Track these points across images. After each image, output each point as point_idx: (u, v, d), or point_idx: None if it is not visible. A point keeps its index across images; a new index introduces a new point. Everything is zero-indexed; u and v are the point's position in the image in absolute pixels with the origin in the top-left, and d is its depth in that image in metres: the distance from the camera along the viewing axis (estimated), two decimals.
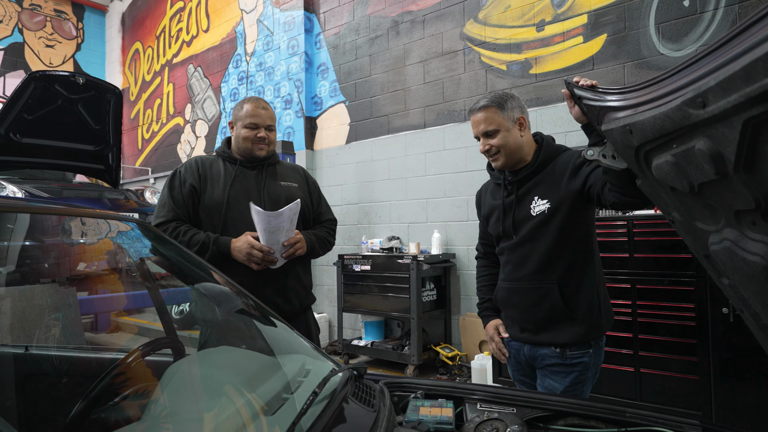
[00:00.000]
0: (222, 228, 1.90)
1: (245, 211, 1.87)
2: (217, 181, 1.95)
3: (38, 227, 2.08)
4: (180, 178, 1.94)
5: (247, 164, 2.02)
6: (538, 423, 1.14)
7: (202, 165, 1.99)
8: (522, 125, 1.69)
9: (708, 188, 0.89)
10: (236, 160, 2.01)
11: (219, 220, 1.90)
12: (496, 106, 1.66)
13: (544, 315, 1.65)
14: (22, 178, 4.22)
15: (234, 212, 1.92)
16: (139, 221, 1.48)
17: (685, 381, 2.59)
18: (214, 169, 1.99)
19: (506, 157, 1.68)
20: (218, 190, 1.93)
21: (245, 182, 1.98)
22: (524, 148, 1.70)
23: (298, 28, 5.59)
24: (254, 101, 2.03)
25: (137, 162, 8.32)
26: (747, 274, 0.91)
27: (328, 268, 5.12)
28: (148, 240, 1.50)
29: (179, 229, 1.86)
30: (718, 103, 0.73)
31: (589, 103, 1.15)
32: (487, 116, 1.66)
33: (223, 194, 1.92)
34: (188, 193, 1.92)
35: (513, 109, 1.67)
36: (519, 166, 1.72)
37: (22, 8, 8.23)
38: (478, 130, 1.69)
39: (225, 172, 1.98)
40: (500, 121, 1.65)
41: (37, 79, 3.40)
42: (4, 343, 1.44)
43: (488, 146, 1.68)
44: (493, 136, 1.66)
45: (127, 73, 8.76)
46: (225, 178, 1.96)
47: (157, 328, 1.33)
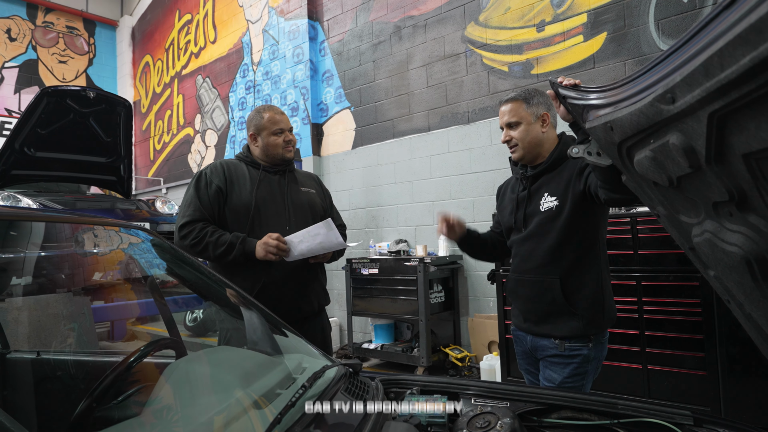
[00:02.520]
0: (249, 230, 1.94)
1: (271, 214, 1.96)
2: (243, 184, 2.00)
3: (52, 238, 2.15)
4: (206, 180, 1.98)
5: (270, 169, 2.08)
6: (531, 416, 1.16)
7: (227, 167, 2.04)
8: (545, 122, 1.75)
9: (686, 181, 0.91)
10: (259, 165, 2.07)
11: (246, 221, 1.95)
12: (523, 99, 1.74)
13: (545, 307, 1.70)
14: (37, 191, 4.32)
15: (261, 215, 1.97)
16: (145, 229, 1.53)
17: (694, 377, 2.57)
18: (239, 172, 2.04)
19: (523, 150, 1.74)
20: (245, 192, 1.98)
21: (270, 186, 2.05)
22: (544, 145, 1.75)
23: (302, 36, 5.66)
24: (271, 109, 2.11)
25: (149, 173, 8.46)
26: (728, 264, 0.93)
27: (337, 273, 5.16)
28: (155, 248, 1.55)
29: (206, 230, 1.89)
30: (685, 98, 0.75)
31: (572, 102, 1.18)
32: (512, 108, 1.75)
33: (250, 197, 1.97)
34: (214, 194, 1.95)
35: (538, 105, 1.74)
36: (537, 161, 1.77)
37: (35, 26, 8.45)
38: (503, 120, 1.77)
39: (250, 176, 2.03)
40: (524, 114, 1.73)
41: (49, 95, 3.49)
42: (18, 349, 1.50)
43: (509, 137, 1.76)
44: (515, 128, 1.74)
45: (138, 85, 8.93)
46: (251, 181, 2.02)
47: (164, 334, 1.38)
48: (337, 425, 0.90)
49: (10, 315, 1.66)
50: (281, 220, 2.01)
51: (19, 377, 1.41)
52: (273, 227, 1.95)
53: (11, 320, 1.63)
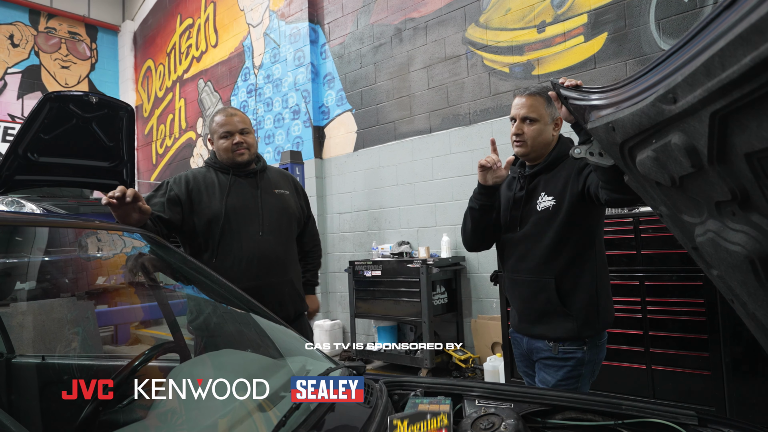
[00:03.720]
0: (219, 238, 1.91)
1: (243, 221, 1.92)
2: (212, 193, 1.95)
3: (56, 242, 2.16)
4: (166, 188, 1.93)
5: (239, 173, 2.03)
6: (535, 417, 1.16)
7: (192, 179, 1.97)
8: (557, 126, 1.73)
9: (688, 181, 0.91)
10: (228, 170, 2.02)
11: (217, 229, 1.91)
12: (545, 98, 1.69)
13: (539, 308, 1.69)
14: (41, 196, 4.34)
15: (231, 222, 1.94)
16: (143, 232, 1.53)
17: (698, 377, 2.57)
18: (207, 180, 1.99)
19: (531, 148, 1.71)
20: (215, 201, 1.94)
21: (241, 192, 2.00)
22: (549, 147, 1.74)
23: (303, 39, 5.68)
24: (223, 111, 2.04)
25: (152, 177, 8.48)
26: (731, 264, 0.93)
27: (340, 275, 5.17)
28: (157, 252, 1.55)
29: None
30: (687, 98, 0.75)
31: (574, 103, 1.18)
32: (533, 103, 1.69)
33: (220, 205, 1.93)
34: (167, 201, 1.88)
35: (556, 109, 1.70)
36: (537, 161, 1.75)
37: (37, 31, 8.49)
38: (518, 112, 1.71)
39: (219, 183, 1.98)
40: (543, 113, 1.69)
41: (52, 100, 3.50)
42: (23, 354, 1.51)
43: (521, 131, 1.70)
44: (531, 124, 1.69)
45: (140, 90, 8.96)
46: (220, 188, 1.97)
47: (167, 337, 1.38)
48: (341, 427, 0.90)
49: (15, 320, 1.67)
50: (254, 226, 1.97)
51: (24, 382, 1.41)
52: (245, 234, 1.92)
53: (16, 325, 1.63)
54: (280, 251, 2.02)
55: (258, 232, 1.96)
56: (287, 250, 2.08)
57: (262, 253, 1.95)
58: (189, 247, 2.00)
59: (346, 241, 5.25)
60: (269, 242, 1.98)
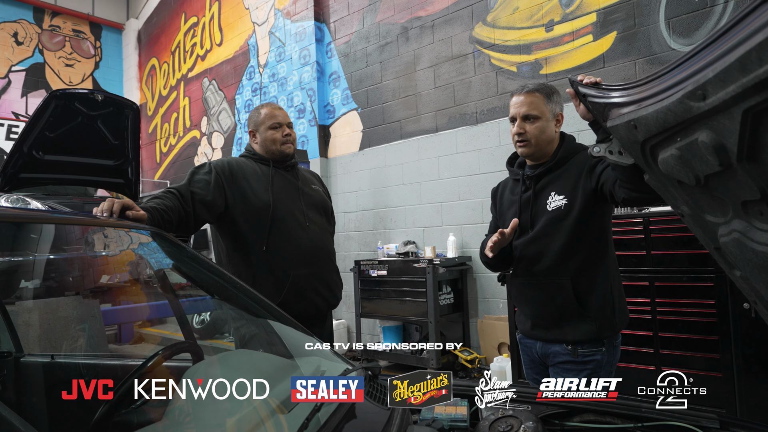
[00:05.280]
0: (270, 225, 1.92)
1: (287, 213, 1.96)
2: (256, 180, 1.97)
3: (61, 240, 2.15)
4: (210, 168, 1.91)
5: (279, 165, 2.06)
6: (553, 420, 1.14)
7: (237, 166, 1.97)
8: (559, 122, 1.71)
9: (714, 180, 0.89)
10: (268, 161, 2.05)
11: (267, 217, 1.92)
12: (545, 95, 1.67)
13: (555, 311, 1.65)
14: (45, 194, 4.34)
15: (279, 212, 1.95)
16: (154, 230, 1.52)
17: (708, 378, 2.54)
18: (247, 169, 1.99)
19: (535, 146, 1.68)
20: (260, 189, 1.95)
21: (283, 183, 2.04)
22: (552, 144, 1.71)
23: (309, 38, 5.66)
24: (269, 105, 2.10)
25: (156, 175, 8.48)
26: (757, 264, 0.91)
27: (345, 275, 5.13)
28: (164, 249, 1.54)
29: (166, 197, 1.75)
30: (718, 95, 0.73)
31: (593, 101, 1.16)
32: (532, 101, 1.66)
33: (267, 194, 1.95)
34: (215, 181, 1.86)
35: (557, 104, 1.70)
36: (541, 160, 1.72)
37: (42, 29, 8.49)
38: (518, 111, 1.68)
39: (262, 172, 2.01)
40: (544, 110, 1.67)
41: (57, 98, 3.49)
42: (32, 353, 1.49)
43: (523, 130, 1.67)
44: (533, 122, 1.66)
45: (144, 88, 8.96)
46: (264, 178, 1.99)
47: (178, 337, 1.37)
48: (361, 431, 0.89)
49: (21, 318, 1.65)
50: (300, 216, 2.00)
51: (34, 381, 1.40)
52: (293, 223, 1.95)
53: (22, 323, 1.62)
54: (326, 240, 2.10)
55: (304, 222, 2.00)
56: (329, 242, 2.16)
57: (312, 242, 2.00)
58: (229, 234, 1.96)
59: (352, 241, 5.23)
60: (315, 232, 2.03)
